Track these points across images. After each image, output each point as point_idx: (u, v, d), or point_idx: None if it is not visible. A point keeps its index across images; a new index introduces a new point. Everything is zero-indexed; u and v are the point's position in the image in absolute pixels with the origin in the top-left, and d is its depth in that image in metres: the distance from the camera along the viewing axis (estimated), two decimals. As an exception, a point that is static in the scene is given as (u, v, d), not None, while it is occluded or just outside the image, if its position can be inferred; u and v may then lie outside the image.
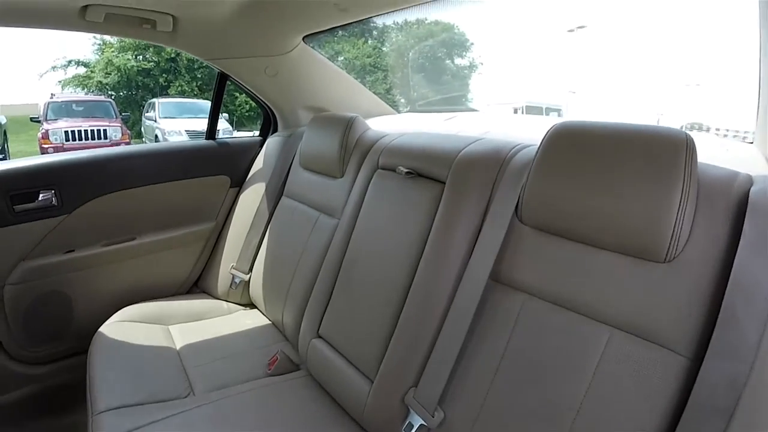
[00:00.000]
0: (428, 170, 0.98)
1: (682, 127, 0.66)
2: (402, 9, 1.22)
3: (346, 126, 1.24)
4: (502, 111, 10.47)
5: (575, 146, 0.69)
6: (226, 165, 1.61)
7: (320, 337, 1.11)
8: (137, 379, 1.03)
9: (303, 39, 1.45)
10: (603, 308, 0.66)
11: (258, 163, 1.61)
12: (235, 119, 12.11)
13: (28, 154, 8.24)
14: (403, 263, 0.94)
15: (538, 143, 0.76)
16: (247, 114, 12.97)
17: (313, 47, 1.52)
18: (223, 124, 8.22)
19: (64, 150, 6.93)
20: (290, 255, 1.31)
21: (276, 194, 1.49)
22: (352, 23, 1.33)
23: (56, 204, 1.30)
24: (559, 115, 11.11)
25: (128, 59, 12.66)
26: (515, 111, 10.38)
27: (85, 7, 1.13)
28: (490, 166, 0.87)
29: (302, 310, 1.18)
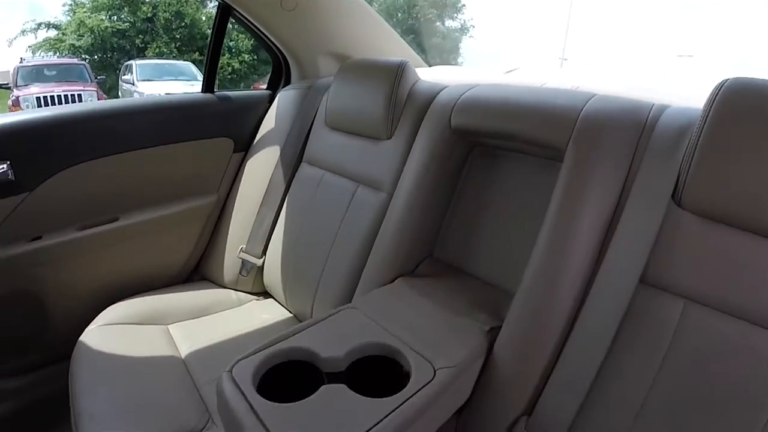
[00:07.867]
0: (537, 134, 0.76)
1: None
2: None
3: (395, 74, 0.98)
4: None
5: (763, 111, 0.54)
6: (229, 124, 1.31)
7: None
8: (138, 409, 0.78)
9: None
10: None
11: (268, 123, 1.32)
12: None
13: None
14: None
15: (682, 100, 0.63)
16: (229, 77, 12.15)
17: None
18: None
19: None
20: (319, 235, 1.07)
21: (293, 161, 1.21)
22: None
23: (14, 179, 0.99)
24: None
25: (102, 20, 11.83)
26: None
27: None
28: (627, 129, 0.68)
29: (344, 302, 0.93)
